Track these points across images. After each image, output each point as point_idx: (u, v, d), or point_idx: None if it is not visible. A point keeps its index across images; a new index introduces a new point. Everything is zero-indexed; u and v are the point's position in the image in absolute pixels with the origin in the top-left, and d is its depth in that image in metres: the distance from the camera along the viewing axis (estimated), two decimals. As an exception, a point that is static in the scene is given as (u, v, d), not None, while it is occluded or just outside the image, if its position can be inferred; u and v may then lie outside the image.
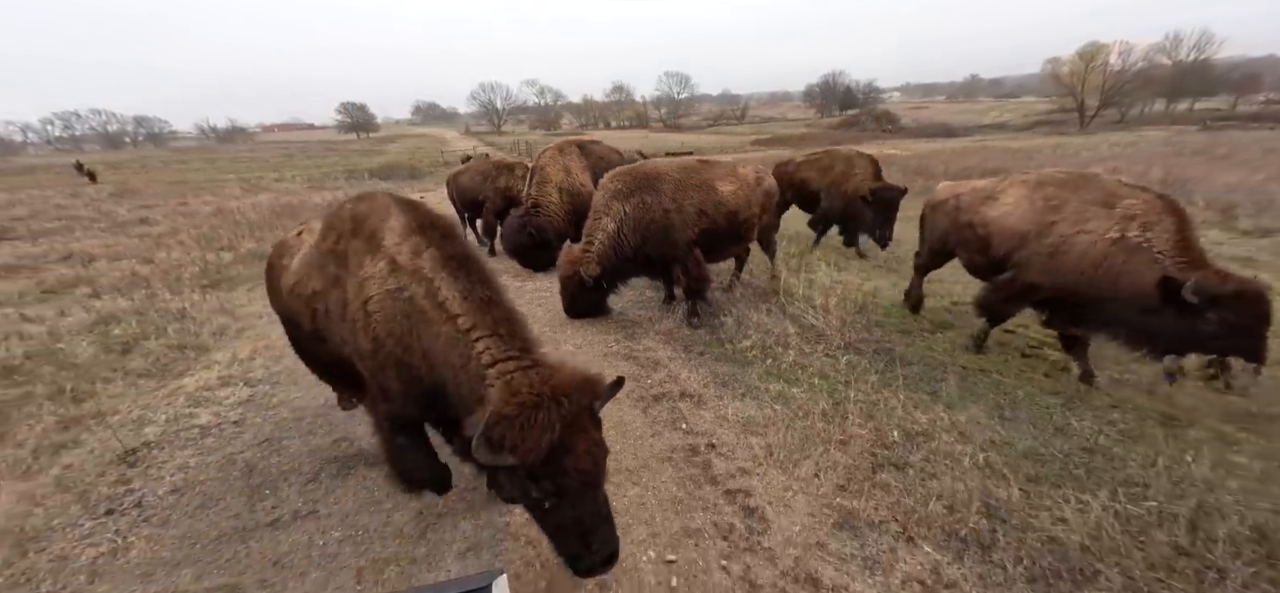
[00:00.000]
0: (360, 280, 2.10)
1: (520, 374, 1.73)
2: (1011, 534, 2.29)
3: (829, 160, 7.41)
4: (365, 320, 2.07)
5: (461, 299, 1.91)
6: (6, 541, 2.50)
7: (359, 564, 2.35)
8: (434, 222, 2.16)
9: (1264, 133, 33.17)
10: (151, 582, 2.30)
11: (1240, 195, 9.37)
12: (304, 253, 2.53)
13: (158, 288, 6.36)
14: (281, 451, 3.22)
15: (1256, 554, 2.10)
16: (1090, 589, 2.03)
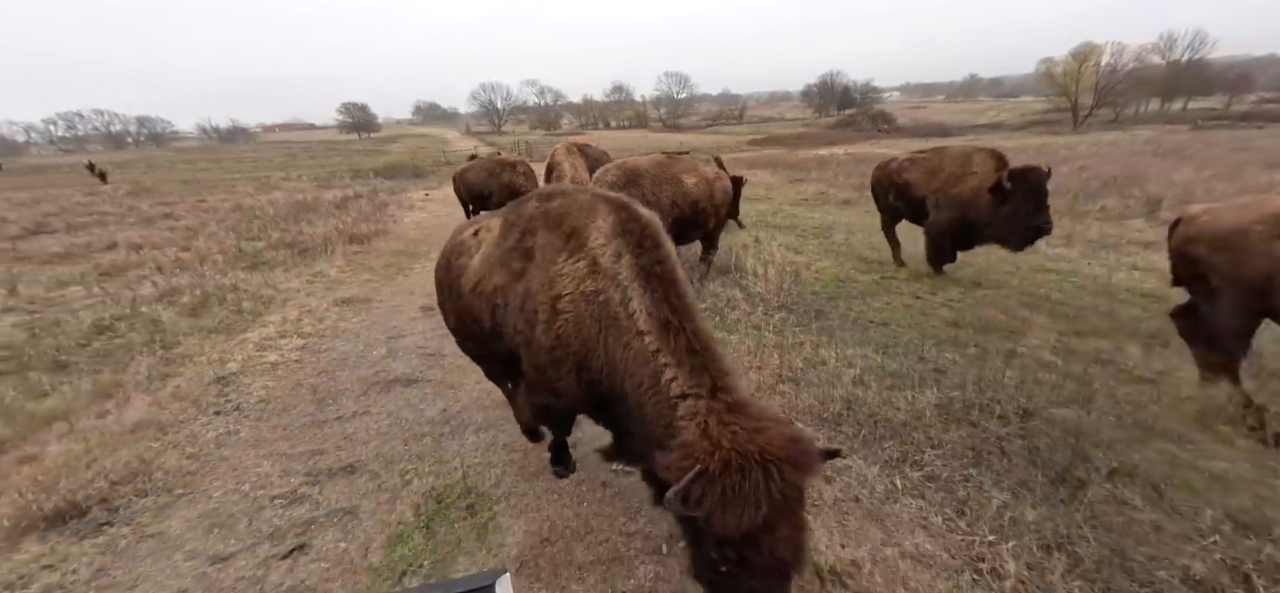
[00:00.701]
0: (550, 276, 2.08)
1: (717, 420, 1.56)
2: (860, 416, 3.31)
3: (936, 161, 6.06)
4: (550, 316, 2.05)
5: (647, 315, 1.83)
6: (151, 427, 3.53)
7: (404, 437, 3.39)
8: (640, 226, 2.04)
9: (1250, 132, 34.15)
10: (260, 446, 3.33)
11: (1177, 190, 10.36)
12: (485, 252, 2.51)
13: (206, 269, 7.41)
14: (335, 378, 4.26)
15: (1016, 421, 3.12)
16: (899, 441, 3.05)
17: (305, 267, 7.61)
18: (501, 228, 2.49)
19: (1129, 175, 12.90)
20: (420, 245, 9.10)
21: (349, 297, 6.26)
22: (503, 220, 2.52)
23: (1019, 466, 2.79)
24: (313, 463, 3.14)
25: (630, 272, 1.92)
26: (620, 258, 1.96)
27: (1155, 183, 11.86)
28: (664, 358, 1.76)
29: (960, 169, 5.68)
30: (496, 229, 2.53)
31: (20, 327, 5.52)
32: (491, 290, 2.39)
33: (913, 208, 6.19)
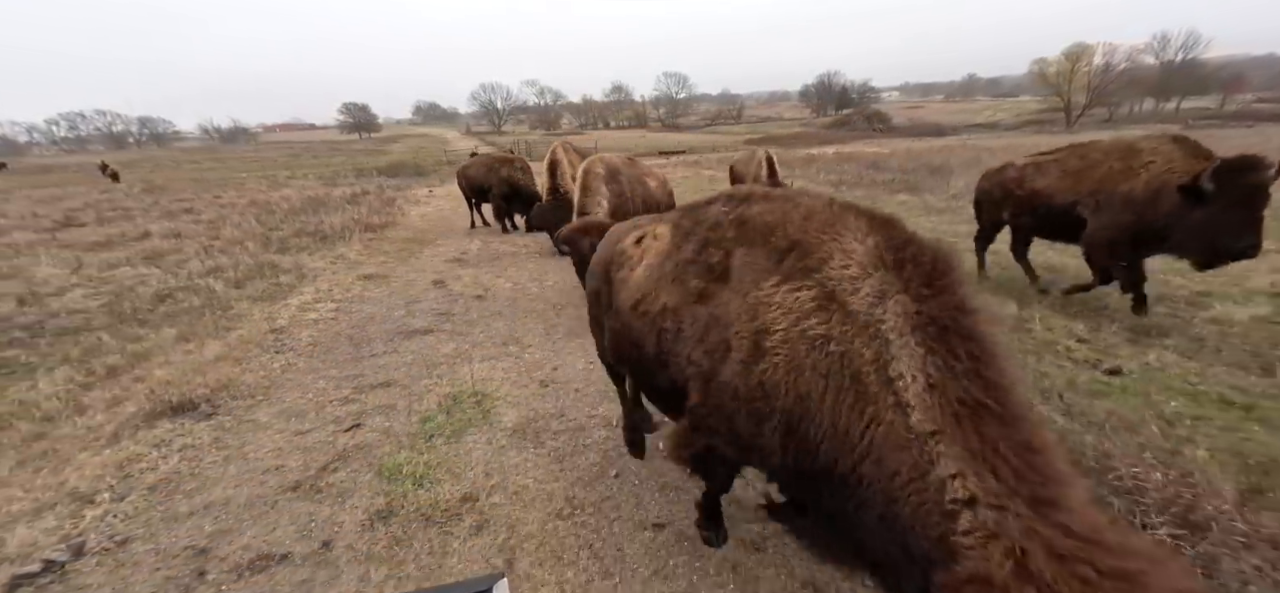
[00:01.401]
0: (752, 303, 1.60)
1: (1046, 552, 0.99)
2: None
3: (1083, 158, 4.81)
4: (749, 355, 1.57)
5: (926, 386, 1.25)
6: (227, 360, 4.56)
7: (425, 365, 4.42)
8: (927, 256, 1.44)
9: (1238, 131, 35.20)
10: (314, 372, 4.36)
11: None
12: (650, 264, 2.12)
13: (239, 253, 8.45)
14: (366, 330, 5.29)
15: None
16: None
17: (327, 250, 8.66)
18: (673, 235, 2.09)
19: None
20: (428, 234, 10.14)
21: (370, 273, 7.30)
22: (673, 227, 2.12)
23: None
24: (357, 382, 4.18)
25: (903, 321, 1.33)
26: (885, 300, 1.37)
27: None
28: (943, 445, 1.20)
29: (1126, 162, 4.46)
30: (666, 237, 2.12)
31: (93, 296, 6.56)
32: (659, 312, 1.97)
33: (1049, 221, 5.09)
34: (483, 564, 2.36)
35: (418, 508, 2.70)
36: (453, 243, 9.34)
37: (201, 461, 3.20)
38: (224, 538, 2.58)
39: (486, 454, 3.16)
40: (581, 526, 2.58)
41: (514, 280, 6.93)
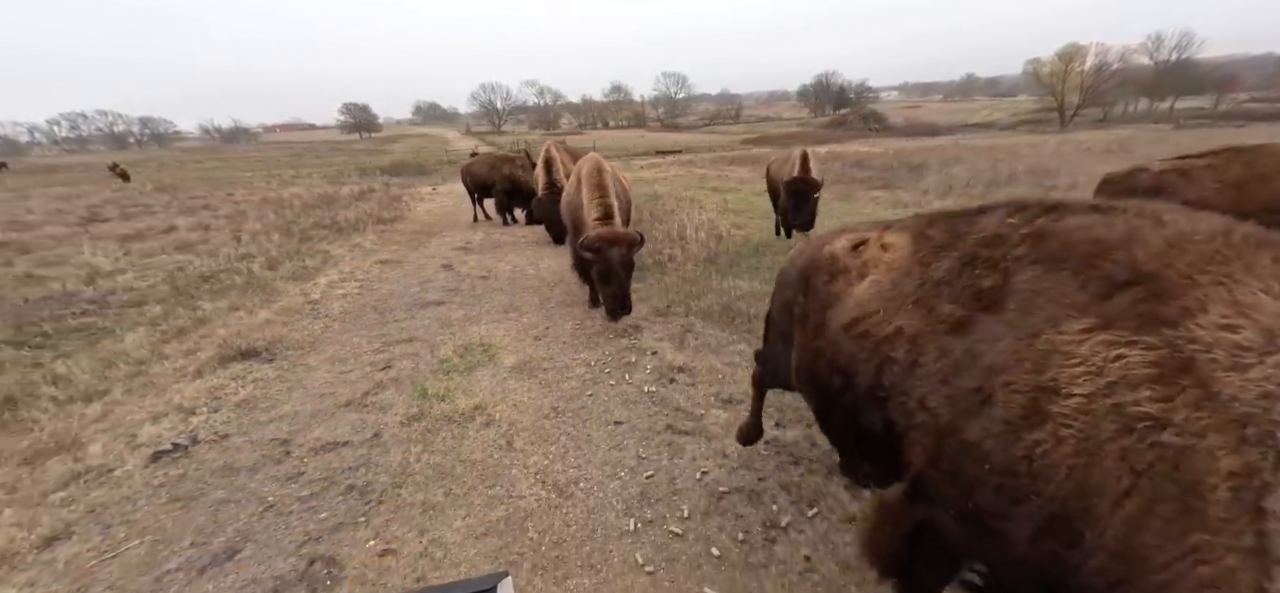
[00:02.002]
0: (1042, 347, 1.18)
1: None
2: (732, 314, 5.28)
3: (1250, 167, 3.98)
4: (1024, 415, 1.16)
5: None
6: (276, 323, 5.51)
7: (440, 326, 5.36)
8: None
9: (1226, 131, 36.17)
10: (349, 332, 5.31)
11: (1081, 179, 12.31)
12: (880, 279, 1.76)
13: (265, 242, 9.40)
14: (388, 302, 6.23)
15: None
16: (746, 319, 5.01)
17: (345, 240, 9.61)
18: (915, 247, 1.72)
19: (1044, 170, 14.95)
20: (434, 227, 11.09)
21: (386, 259, 8.26)
22: (916, 236, 1.75)
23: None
24: (385, 338, 5.12)
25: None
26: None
27: (1065, 176, 13.84)
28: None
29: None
30: (903, 248, 1.76)
31: (142, 279, 7.52)
32: (887, 337, 1.62)
33: None
34: (491, 446, 3.30)
35: (441, 414, 3.65)
36: (458, 234, 10.28)
37: (270, 389, 4.15)
38: (298, 434, 3.53)
39: (492, 383, 4.11)
40: (562, 422, 3.53)
41: (513, 264, 7.88)
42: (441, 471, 3.07)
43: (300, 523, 2.70)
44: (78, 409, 3.85)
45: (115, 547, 2.59)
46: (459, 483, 2.95)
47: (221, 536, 2.64)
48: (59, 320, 5.79)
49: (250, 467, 3.18)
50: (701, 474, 2.96)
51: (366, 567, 2.40)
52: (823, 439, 2.98)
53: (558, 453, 3.21)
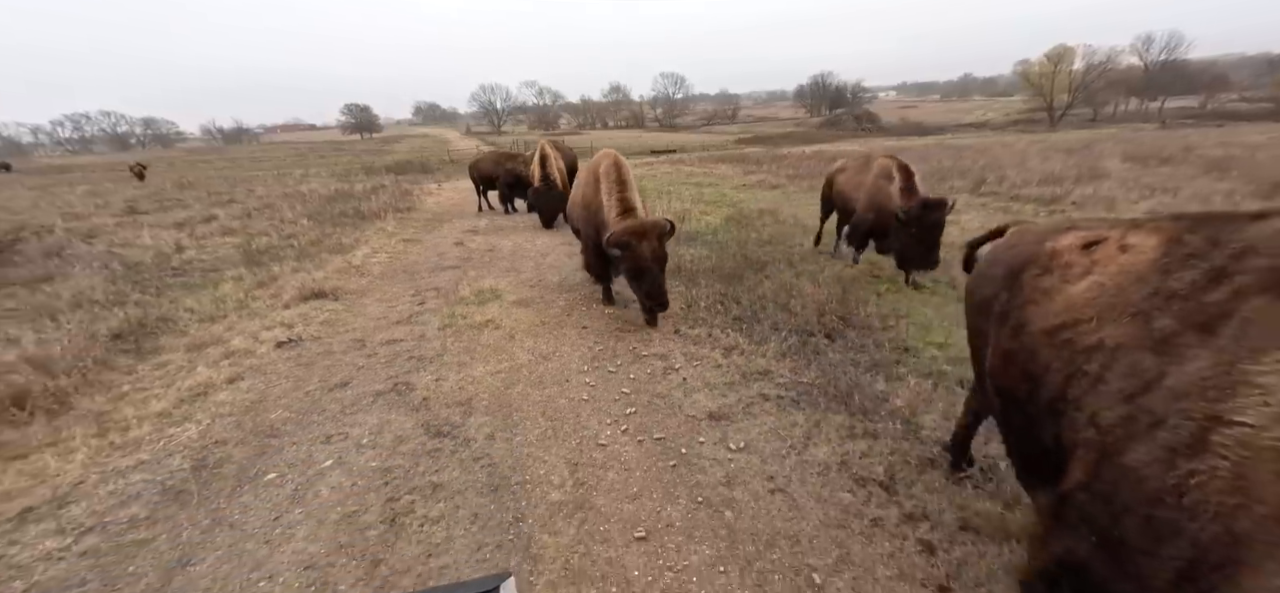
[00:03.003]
0: (1230, 372, 1.06)
1: None
2: (680, 267, 7.01)
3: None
4: (1190, 441, 1.05)
5: None
6: (332, 278, 7.25)
7: (457, 281, 7.11)
8: None
9: (1206, 130, 37.93)
10: (388, 284, 7.06)
11: (1026, 178, 14.03)
12: (1105, 280, 1.50)
13: (303, 227, 11.15)
14: (415, 267, 7.97)
15: (802, 307, 6.82)
16: (694, 276, 6.75)
17: (369, 225, 11.37)
18: (1164, 251, 1.41)
19: (993, 165, 16.68)
20: (444, 216, 12.84)
21: (407, 239, 10.01)
22: (1169, 240, 1.42)
23: (719, 280, 6.50)
24: (416, 287, 6.86)
25: None
26: None
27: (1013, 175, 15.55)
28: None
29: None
30: (1150, 251, 1.44)
31: (207, 254, 9.26)
32: (1089, 347, 1.41)
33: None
34: (498, 338, 5.03)
35: (465, 324, 5.39)
36: (465, 221, 12.03)
37: (341, 315, 5.90)
38: (368, 336, 5.27)
39: (498, 309, 5.85)
40: (547, 329, 5.28)
41: (514, 242, 9.62)
42: (467, 349, 4.81)
43: (383, 371, 4.45)
44: (210, 326, 5.60)
45: (271, 382, 4.33)
46: (478, 354, 4.70)
47: (335, 377, 4.39)
48: (160, 280, 7.55)
49: (341, 351, 4.93)
50: (631, 348, 4.70)
51: (428, 388, 4.14)
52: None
53: (542, 342, 4.96)
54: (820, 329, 4.71)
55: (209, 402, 4.04)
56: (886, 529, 2.57)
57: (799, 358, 4.32)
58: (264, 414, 3.85)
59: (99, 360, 4.56)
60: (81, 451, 3.43)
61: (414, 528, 2.68)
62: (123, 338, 5.09)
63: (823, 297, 5.10)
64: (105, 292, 6.69)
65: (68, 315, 5.72)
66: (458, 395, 4.00)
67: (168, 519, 2.83)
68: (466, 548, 2.55)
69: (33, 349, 4.56)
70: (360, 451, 3.36)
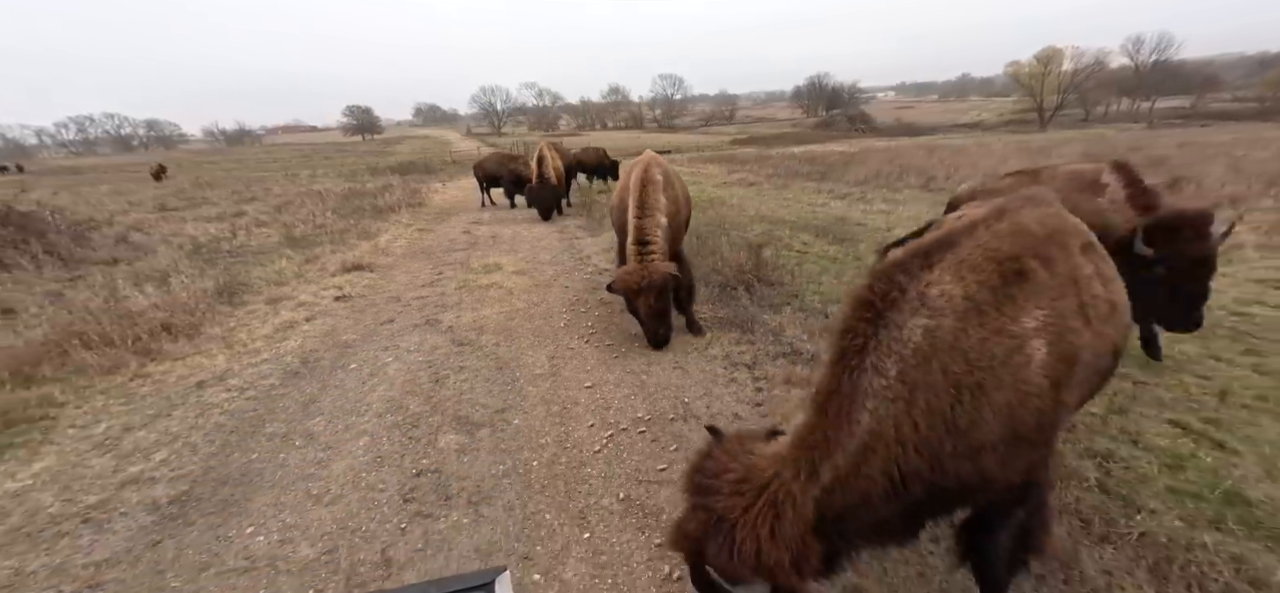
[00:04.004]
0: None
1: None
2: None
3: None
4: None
5: None
6: (365, 257, 8.99)
7: (466, 256, 8.84)
8: None
9: (1190, 129, 39.63)
10: (411, 261, 8.79)
11: (977, 175, 15.70)
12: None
13: (328, 219, 12.89)
14: (431, 249, 9.71)
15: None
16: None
17: (386, 218, 13.12)
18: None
19: (964, 164, 18.34)
20: (451, 210, 14.58)
21: (421, 228, 11.76)
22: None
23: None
24: (435, 262, 8.59)
25: None
26: None
27: (960, 173, 17.21)
28: None
29: None
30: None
31: (252, 240, 11.00)
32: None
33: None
34: (502, 292, 6.75)
35: (475, 285, 7.12)
36: (471, 215, 13.76)
37: (377, 281, 7.63)
38: (402, 294, 6.99)
39: (501, 276, 7.57)
40: (539, 288, 7.01)
41: (513, 231, 11.34)
42: (477, 300, 6.55)
43: (417, 313, 6.18)
44: (278, 288, 7.34)
45: (337, 320, 6.06)
46: (486, 302, 6.42)
47: (383, 317, 6.11)
48: (225, 259, 9.29)
49: (382, 303, 6.66)
50: (600, 300, 6.41)
51: (451, 321, 5.85)
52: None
53: (534, 296, 6.69)
54: (739, 284, 6.41)
55: (297, 330, 5.78)
56: (738, 382, 4.29)
57: (719, 302, 6.04)
58: (338, 337, 5.58)
59: (208, 307, 6.29)
60: (221, 355, 5.17)
61: (450, 383, 4.41)
62: (221, 294, 6.82)
63: (743, 260, 6.79)
64: (188, 265, 8.44)
65: (171, 280, 7.45)
66: (473, 325, 5.73)
67: (293, 385, 4.56)
68: (484, 392, 4.27)
69: (160, 299, 6.30)
70: (409, 353, 5.09)
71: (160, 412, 4.15)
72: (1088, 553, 2.44)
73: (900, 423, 1.48)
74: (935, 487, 1.57)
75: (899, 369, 1.49)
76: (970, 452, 1.51)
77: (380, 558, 2.64)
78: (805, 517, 1.48)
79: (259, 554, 2.71)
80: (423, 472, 3.31)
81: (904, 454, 1.50)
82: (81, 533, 2.90)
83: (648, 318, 4.77)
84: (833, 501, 1.52)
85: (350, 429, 3.83)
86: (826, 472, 1.50)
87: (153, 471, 3.42)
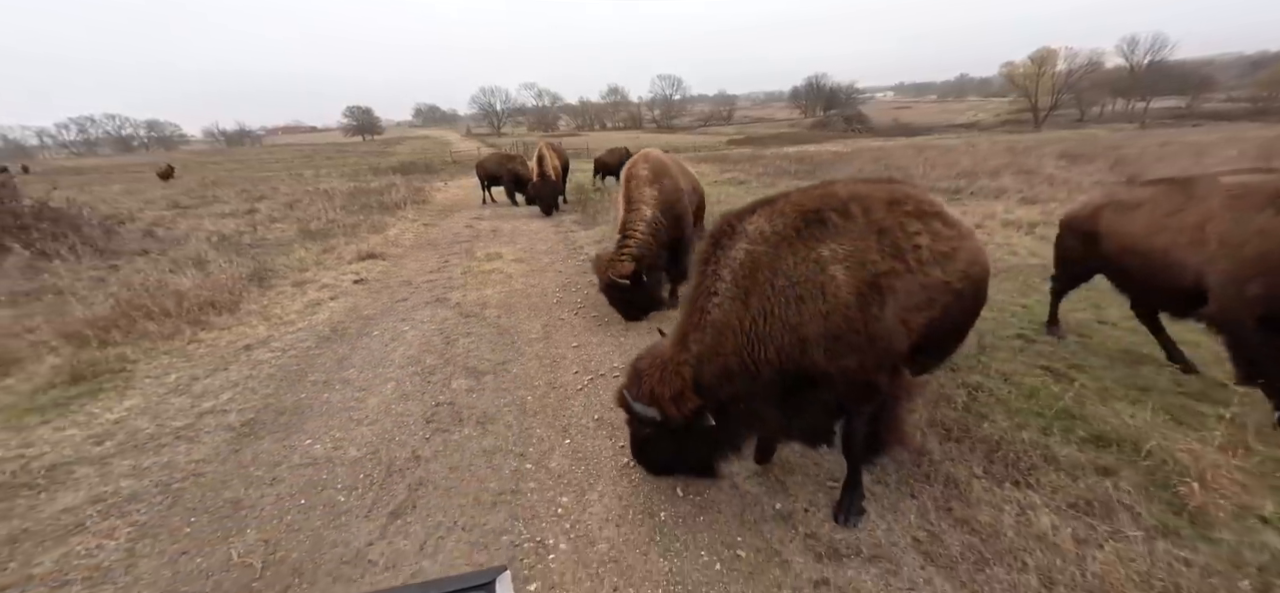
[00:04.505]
0: None
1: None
2: (635, 239, 9.62)
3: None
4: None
5: None
6: (378, 246, 9.86)
7: (469, 246, 9.71)
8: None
9: (1182, 130, 40.46)
10: (419, 251, 9.66)
11: (944, 174, 16.56)
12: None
13: (337, 215, 13.75)
14: (436, 241, 10.57)
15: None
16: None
17: (393, 214, 13.98)
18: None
19: (939, 163, 19.22)
20: (454, 207, 15.46)
21: (427, 223, 12.63)
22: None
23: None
24: (441, 252, 9.45)
25: None
26: None
27: (933, 173, 18.08)
28: None
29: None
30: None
31: (268, 235, 11.86)
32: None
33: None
34: (502, 276, 7.61)
35: (479, 270, 7.98)
36: (472, 211, 14.62)
37: (390, 268, 8.49)
38: (412, 279, 7.85)
39: (502, 264, 8.43)
40: (535, 273, 7.87)
41: (513, 226, 12.20)
42: (481, 282, 7.41)
43: (428, 293, 7.04)
44: (301, 274, 8.20)
45: (358, 299, 6.92)
46: (489, 284, 7.28)
47: (397, 297, 6.97)
48: (248, 249, 10.15)
49: (396, 285, 7.52)
50: (589, 281, 7.27)
51: (458, 298, 6.71)
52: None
53: (531, 279, 7.55)
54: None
55: (324, 307, 6.65)
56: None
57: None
58: (360, 312, 6.45)
59: (244, 288, 7.16)
60: (261, 326, 6.03)
61: (459, 344, 5.28)
62: (253, 278, 7.68)
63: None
64: (216, 255, 9.31)
65: (205, 266, 8.31)
66: (477, 301, 6.60)
67: (326, 347, 5.42)
68: (487, 350, 5.13)
69: (200, 281, 7.16)
70: (423, 323, 5.95)
71: (218, 367, 5.01)
72: (938, 446, 3.30)
73: (740, 317, 2.35)
74: (783, 372, 2.40)
75: (732, 277, 2.37)
76: (799, 343, 2.35)
77: (411, 456, 3.51)
78: (684, 376, 2.38)
79: (318, 456, 3.57)
80: (440, 404, 4.17)
81: (749, 342, 2.36)
82: (177, 445, 3.76)
83: (613, 305, 5.63)
84: (703, 369, 2.41)
85: (379, 377, 4.69)
86: (694, 346, 2.40)
87: (222, 405, 4.29)
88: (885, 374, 2.49)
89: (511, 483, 3.23)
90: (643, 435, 2.80)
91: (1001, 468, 3.08)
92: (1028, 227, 8.97)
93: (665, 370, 2.46)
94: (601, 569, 2.58)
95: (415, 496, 3.13)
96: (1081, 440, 3.26)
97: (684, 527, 2.83)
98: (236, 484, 3.31)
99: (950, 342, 2.91)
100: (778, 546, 2.67)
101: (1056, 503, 2.79)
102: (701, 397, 2.44)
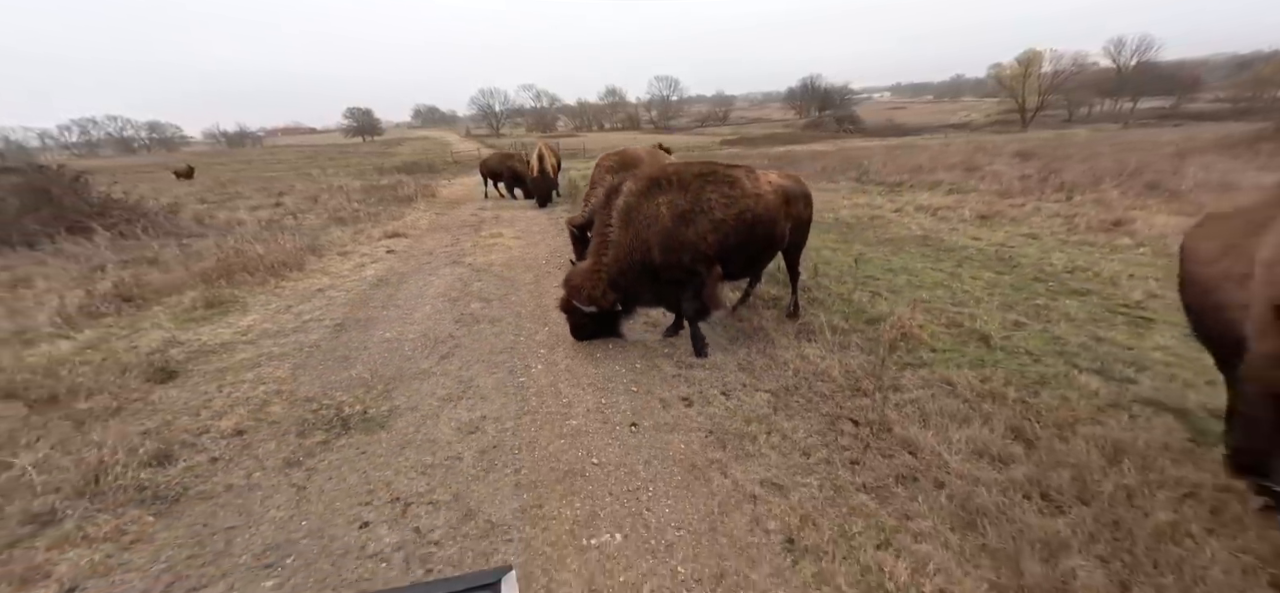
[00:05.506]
0: None
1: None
2: (613, 221, 11.81)
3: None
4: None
5: None
6: (397, 227, 12.06)
7: (475, 227, 11.91)
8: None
9: (1162, 129, 42.72)
10: (433, 233, 11.86)
11: (898, 169, 18.72)
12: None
13: (356, 207, 15.95)
14: (448, 226, 12.77)
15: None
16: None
17: (406, 206, 16.20)
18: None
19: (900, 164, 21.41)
20: (460, 202, 17.67)
21: (437, 213, 14.84)
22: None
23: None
24: (453, 234, 11.65)
25: None
26: None
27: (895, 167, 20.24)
28: None
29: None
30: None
31: (303, 222, 14.06)
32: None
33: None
34: (503, 248, 9.80)
35: (485, 245, 10.20)
36: (476, 205, 16.82)
37: (412, 245, 10.70)
38: (433, 251, 10.05)
39: (503, 241, 10.62)
40: (531, 245, 10.09)
41: (513, 214, 14.41)
42: (488, 250, 9.62)
43: (447, 258, 9.25)
44: (344, 246, 10.38)
45: (391, 264, 9.12)
46: (494, 253, 9.49)
47: (423, 262, 9.18)
48: (288, 231, 12.34)
49: (420, 255, 9.71)
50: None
51: (470, 261, 8.90)
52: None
53: (528, 250, 9.76)
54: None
55: (368, 267, 8.85)
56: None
57: (651, 250, 9.10)
58: (396, 270, 8.65)
59: (303, 254, 9.35)
60: (324, 278, 8.23)
61: (474, 286, 7.48)
62: (308, 249, 9.88)
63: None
64: (268, 235, 11.50)
65: (266, 242, 10.49)
66: (485, 262, 8.80)
67: (376, 290, 7.61)
68: (494, 289, 7.33)
69: (268, 249, 9.34)
70: (446, 275, 8.16)
71: (303, 299, 7.21)
72: (774, 325, 5.48)
73: (627, 238, 4.57)
74: (650, 266, 4.63)
75: (620, 217, 4.59)
76: (650, 249, 4.58)
77: (448, 335, 5.70)
78: (602, 278, 4.61)
79: (390, 337, 5.76)
80: (464, 315, 6.37)
81: (632, 253, 4.58)
82: (297, 334, 5.94)
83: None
84: (614, 273, 4.62)
85: (420, 303, 6.89)
86: (609, 257, 4.60)
87: (317, 317, 6.48)
88: (702, 265, 4.70)
89: (510, 345, 5.42)
90: (580, 321, 5.01)
91: (805, 335, 5.27)
92: (932, 210, 11.17)
93: (592, 280, 4.66)
94: (561, 375, 4.77)
95: (454, 351, 5.32)
96: (856, 318, 5.46)
97: (609, 357, 5.02)
98: (342, 350, 5.50)
99: (743, 255, 5.02)
100: (658, 363, 4.86)
101: (820, 347, 4.97)
102: (614, 290, 4.64)
